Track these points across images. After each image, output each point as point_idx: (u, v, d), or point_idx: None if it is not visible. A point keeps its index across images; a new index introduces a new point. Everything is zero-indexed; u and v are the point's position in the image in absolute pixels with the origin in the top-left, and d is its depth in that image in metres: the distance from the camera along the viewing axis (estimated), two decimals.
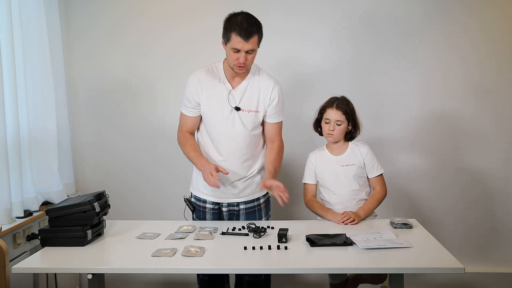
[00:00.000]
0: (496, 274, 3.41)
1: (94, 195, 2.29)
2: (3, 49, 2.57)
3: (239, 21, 2.32)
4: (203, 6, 3.36)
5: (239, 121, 2.49)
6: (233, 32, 2.32)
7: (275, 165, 2.51)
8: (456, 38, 3.32)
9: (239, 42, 2.31)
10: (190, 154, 2.52)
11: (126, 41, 3.41)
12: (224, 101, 2.48)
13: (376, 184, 2.61)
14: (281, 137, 2.62)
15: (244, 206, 2.60)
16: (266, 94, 2.51)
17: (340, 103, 2.57)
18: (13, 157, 2.62)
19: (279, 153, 2.57)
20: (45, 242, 2.19)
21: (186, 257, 2.02)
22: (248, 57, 2.36)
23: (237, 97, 2.49)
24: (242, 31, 2.30)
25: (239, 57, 2.35)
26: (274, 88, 2.52)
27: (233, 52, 2.35)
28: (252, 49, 2.35)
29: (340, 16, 3.34)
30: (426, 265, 1.96)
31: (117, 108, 3.45)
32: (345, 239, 2.15)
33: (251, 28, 2.32)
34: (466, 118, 3.37)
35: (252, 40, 2.32)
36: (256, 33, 2.34)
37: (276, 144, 2.58)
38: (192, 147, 2.53)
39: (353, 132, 2.61)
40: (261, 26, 2.39)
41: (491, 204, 3.42)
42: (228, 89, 2.49)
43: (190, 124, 2.59)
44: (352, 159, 2.59)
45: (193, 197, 2.66)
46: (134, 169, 3.47)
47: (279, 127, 2.60)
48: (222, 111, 2.49)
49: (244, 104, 2.49)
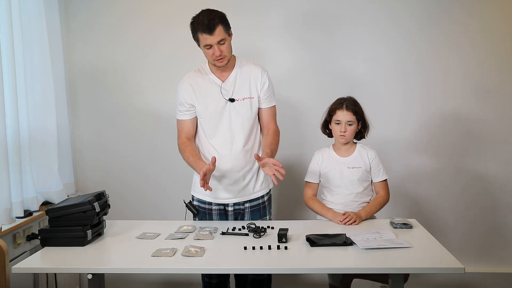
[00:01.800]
0: (496, 274, 3.41)
1: (94, 195, 2.29)
2: (3, 49, 2.57)
3: (200, 20, 2.38)
4: (204, 6, 3.35)
5: (235, 112, 2.52)
6: (198, 32, 2.39)
7: (272, 148, 2.52)
8: (456, 38, 3.32)
9: (206, 38, 2.37)
10: (189, 159, 2.52)
11: (126, 41, 3.41)
12: (217, 96, 2.51)
13: (380, 189, 2.61)
14: (276, 121, 2.64)
15: (249, 205, 2.60)
16: (257, 80, 2.56)
17: (349, 103, 2.57)
18: (13, 157, 2.62)
19: (275, 137, 2.58)
20: (45, 242, 2.19)
21: (186, 257, 2.02)
22: (222, 48, 2.40)
23: (229, 89, 2.52)
24: (204, 28, 2.36)
25: (213, 51, 2.40)
26: (263, 73, 2.57)
27: (207, 49, 2.41)
28: (221, 39, 2.39)
29: (340, 16, 3.34)
30: (426, 265, 1.95)
31: (117, 108, 3.45)
32: (345, 239, 2.15)
33: (212, 22, 2.36)
34: (466, 118, 3.36)
35: (217, 32, 2.37)
36: (219, 23, 2.38)
37: (271, 130, 2.60)
38: (191, 153, 2.53)
39: (363, 131, 2.61)
40: (224, 15, 2.43)
41: (492, 203, 3.42)
42: (218, 83, 2.53)
43: (187, 129, 2.59)
44: (359, 161, 2.59)
45: (196, 200, 2.65)
46: (134, 169, 3.47)
47: (272, 111, 2.63)
48: (217, 106, 2.52)
49: (237, 94, 2.53)
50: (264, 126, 2.62)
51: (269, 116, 2.61)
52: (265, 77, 2.57)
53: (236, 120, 2.52)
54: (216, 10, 2.44)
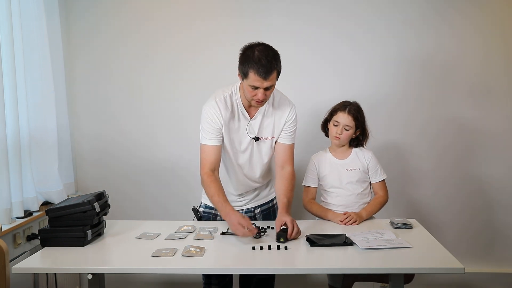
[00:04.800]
0: (496, 274, 3.41)
1: (94, 195, 2.29)
2: (3, 49, 2.57)
3: (257, 58, 2.17)
4: (206, 11, 3.36)
5: (257, 151, 2.47)
6: (251, 69, 2.18)
7: (288, 196, 2.37)
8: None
9: (258, 80, 2.18)
10: (215, 198, 2.32)
11: (126, 41, 3.40)
12: (243, 132, 2.42)
13: (379, 189, 2.62)
14: (293, 162, 2.49)
15: (260, 209, 2.60)
16: (282, 119, 2.43)
17: (352, 108, 2.57)
18: (13, 157, 2.62)
19: (291, 181, 2.43)
20: (45, 242, 2.18)
21: (186, 257, 2.02)
22: (267, 93, 2.25)
23: (255, 127, 2.43)
24: (260, 69, 2.16)
25: (258, 93, 2.22)
26: (291, 111, 2.44)
27: (252, 89, 2.23)
28: (271, 85, 2.23)
29: (345, 20, 3.35)
30: (426, 265, 1.95)
31: (117, 108, 3.44)
32: (345, 239, 2.15)
33: (270, 65, 2.17)
34: (465, 120, 3.37)
35: (271, 77, 2.19)
36: (275, 68, 2.20)
37: (287, 171, 2.45)
38: (217, 191, 2.32)
39: (361, 139, 2.62)
40: (279, 57, 2.24)
41: (491, 203, 3.42)
42: (247, 119, 2.41)
43: (213, 158, 2.37)
44: (357, 163, 2.59)
45: (203, 206, 2.63)
46: (134, 169, 3.47)
47: (291, 149, 2.48)
48: (241, 142, 2.44)
49: (262, 133, 2.44)
50: (279, 163, 2.47)
51: (287, 154, 2.46)
52: (292, 114, 2.44)
53: (256, 156, 2.47)
54: (272, 47, 2.24)
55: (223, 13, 3.35)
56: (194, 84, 3.37)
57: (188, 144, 3.33)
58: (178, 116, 3.42)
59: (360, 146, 2.64)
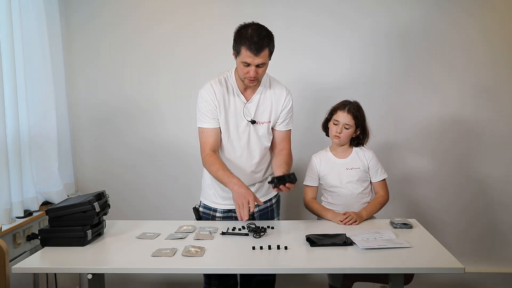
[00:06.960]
0: (496, 274, 3.41)
1: (94, 195, 2.29)
2: (3, 49, 2.57)
3: (249, 35, 2.24)
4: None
5: (254, 134, 2.48)
6: (243, 46, 2.25)
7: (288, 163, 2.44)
8: (456, 37, 3.32)
9: (249, 56, 2.25)
10: (219, 173, 2.36)
11: (126, 41, 3.41)
12: (239, 115, 2.45)
13: (379, 189, 2.62)
14: (290, 144, 2.57)
15: (258, 209, 2.59)
16: (279, 104, 2.48)
17: (352, 107, 2.57)
18: (13, 157, 2.62)
19: (288, 155, 2.51)
20: (45, 242, 2.18)
21: (186, 257, 2.02)
22: (259, 71, 2.31)
23: (251, 110, 2.46)
24: (252, 45, 2.23)
25: (249, 70, 2.29)
26: (286, 97, 2.50)
27: (244, 66, 2.30)
28: (262, 62, 2.28)
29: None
30: (426, 265, 1.95)
31: (117, 108, 3.44)
32: (345, 239, 2.15)
33: (261, 42, 2.24)
34: (466, 120, 3.37)
35: (262, 54, 2.26)
36: (267, 46, 2.26)
37: (286, 150, 2.52)
38: (221, 166, 2.37)
39: (362, 139, 2.62)
40: (273, 37, 2.31)
41: (491, 203, 3.42)
42: (243, 102, 2.45)
43: (213, 140, 2.44)
44: (357, 162, 2.59)
45: (202, 206, 2.64)
46: (134, 169, 3.47)
47: (288, 135, 2.56)
48: (238, 125, 2.46)
49: (259, 117, 2.47)
50: (277, 145, 2.55)
51: (284, 138, 2.54)
52: (287, 101, 2.49)
53: (254, 139, 2.49)
54: (266, 27, 2.31)
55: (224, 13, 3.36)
56: (194, 84, 3.36)
57: (189, 144, 3.33)
58: (178, 117, 3.42)
59: (361, 145, 2.64)
